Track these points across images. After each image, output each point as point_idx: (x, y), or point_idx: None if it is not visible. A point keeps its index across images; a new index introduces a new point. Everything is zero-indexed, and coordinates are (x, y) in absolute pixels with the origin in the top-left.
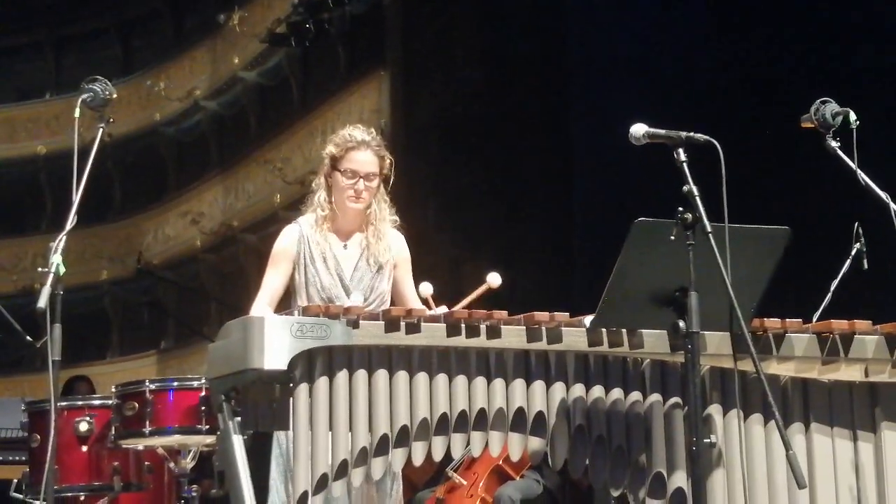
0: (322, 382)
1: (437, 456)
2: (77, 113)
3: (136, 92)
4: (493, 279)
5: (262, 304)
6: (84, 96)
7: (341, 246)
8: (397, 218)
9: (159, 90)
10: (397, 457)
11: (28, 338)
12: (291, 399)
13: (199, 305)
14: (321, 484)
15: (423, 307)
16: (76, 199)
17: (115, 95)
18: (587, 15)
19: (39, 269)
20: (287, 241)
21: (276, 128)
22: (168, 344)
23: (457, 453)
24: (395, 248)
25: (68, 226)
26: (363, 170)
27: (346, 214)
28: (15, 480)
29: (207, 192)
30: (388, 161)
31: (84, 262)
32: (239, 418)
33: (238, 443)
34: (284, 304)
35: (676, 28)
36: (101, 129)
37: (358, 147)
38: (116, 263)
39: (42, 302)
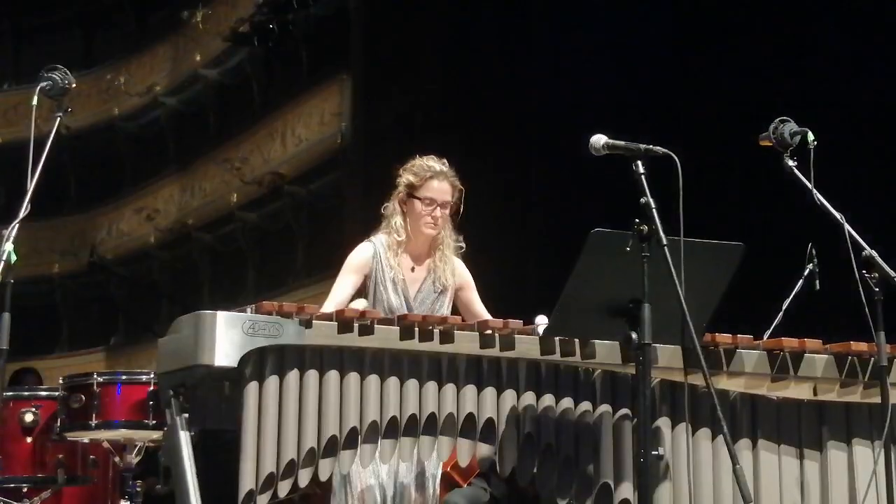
0: (272, 381)
1: (385, 459)
2: (35, 101)
3: (95, 85)
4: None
5: (330, 307)
6: (42, 84)
7: (409, 269)
8: (463, 244)
9: (119, 84)
10: (345, 459)
11: None
12: (241, 397)
13: (150, 302)
14: (267, 483)
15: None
16: (30, 187)
17: (73, 85)
18: (550, 24)
19: None
20: (362, 256)
21: (236, 127)
22: (118, 340)
23: (405, 457)
24: (458, 272)
25: (22, 213)
26: (441, 198)
27: (419, 239)
28: None
29: (164, 188)
30: (460, 191)
31: (36, 254)
32: (187, 414)
33: (185, 439)
34: None
35: (638, 41)
36: (58, 118)
37: (437, 176)
38: (69, 257)
39: None
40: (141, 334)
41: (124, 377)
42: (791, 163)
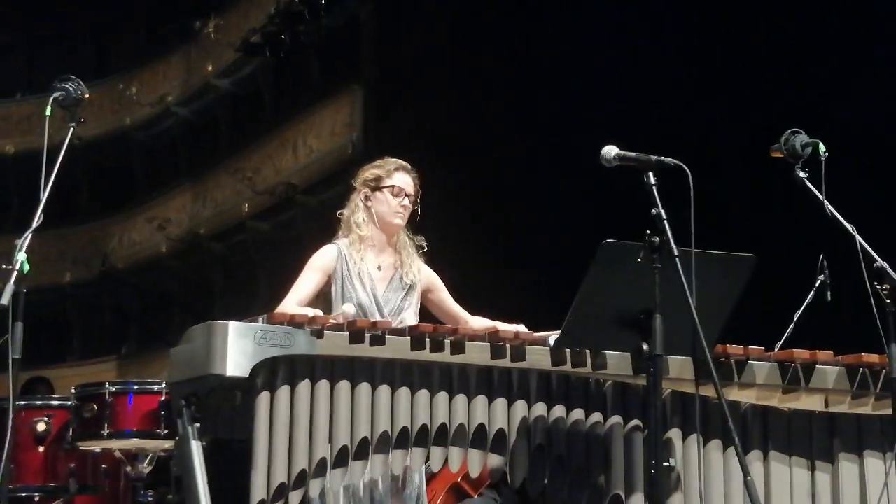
0: (284, 391)
1: (397, 470)
2: (48, 111)
3: (108, 95)
4: None
5: (291, 303)
6: (56, 95)
7: (376, 267)
8: (424, 245)
9: (131, 94)
10: (356, 469)
11: None
12: (252, 407)
13: (162, 312)
14: (278, 494)
15: (484, 320)
16: (43, 197)
17: (87, 95)
18: (560, 36)
19: (3, 267)
20: (326, 256)
21: (248, 137)
22: (129, 349)
23: (415, 467)
24: (424, 273)
25: (35, 223)
26: (407, 189)
27: (386, 232)
28: None
29: (176, 198)
30: (417, 191)
31: (48, 263)
32: (198, 424)
33: (196, 449)
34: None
35: (651, 53)
36: (71, 128)
37: (402, 169)
38: (80, 266)
39: (4, 299)
40: (152, 344)
41: (136, 387)
42: (802, 174)
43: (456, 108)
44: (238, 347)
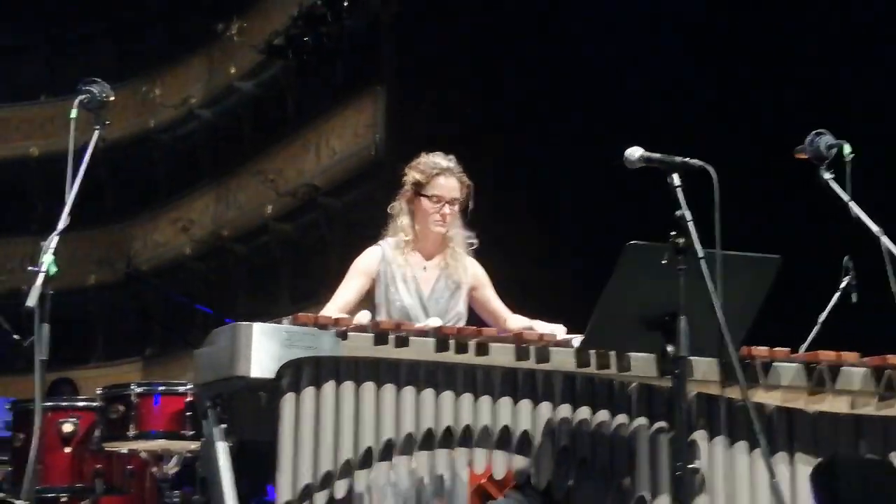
0: (309, 393)
1: (421, 471)
2: (74, 114)
3: (130, 97)
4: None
5: (332, 309)
6: (81, 97)
7: (421, 268)
8: (475, 241)
9: (154, 97)
10: (381, 470)
11: (15, 335)
12: (277, 408)
13: (185, 313)
14: (304, 495)
15: (522, 318)
16: (70, 199)
17: (112, 98)
18: (585, 35)
19: (29, 268)
20: (368, 260)
21: (270, 139)
22: (153, 351)
23: (440, 469)
24: (471, 271)
25: (61, 225)
26: (448, 195)
27: (428, 238)
28: None
29: (199, 200)
30: (468, 187)
31: (72, 265)
32: (224, 425)
33: (222, 449)
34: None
35: (675, 53)
36: (97, 131)
37: (443, 173)
38: (105, 268)
39: (31, 301)
40: (175, 345)
41: (162, 388)
42: (827, 175)
43: (479, 108)
44: (263, 349)
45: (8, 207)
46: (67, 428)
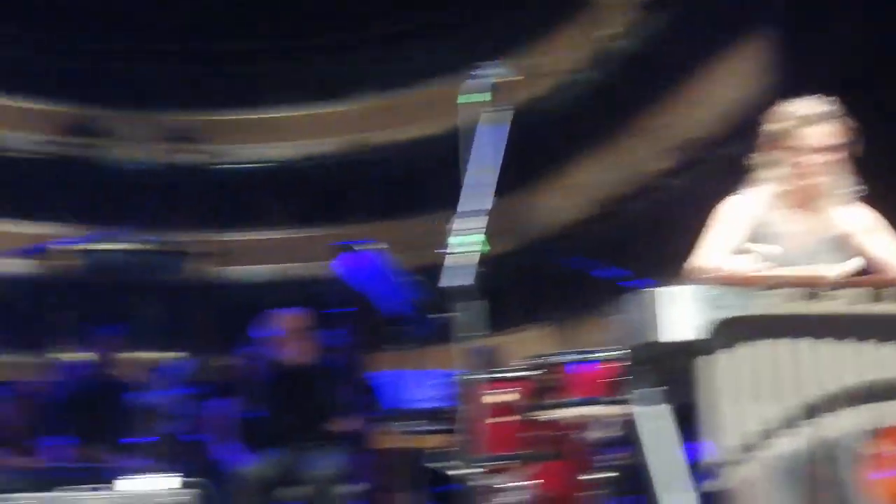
0: (728, 353)
1: (867, 425)
2: (467, 98)
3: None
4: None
5: (717, 257)
6: (476, 80)
7: (794, 222)
8: (860, 188)
9: (531, 67)
10: (823, 426)
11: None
12: (700, 370)
13: (586, 277)
14: (730, 456)
15: None
16: (493, 180)
17: (515, 77)
18: None
19: (452, 250)
20: (741, 207)
21: (652, 95)
22: (556, 317)
23: (880, 423)
24: (851, 219)
25: (488, 205)
26: (820, 144)
27: (798, 190)
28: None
29: (585, 164)
30: (849, 131)
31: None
32: (652, 389)
33: (653, 414)
34: None
35: None
36: (506, 111)
37: (814, 121)
38: (502, 239)
39: (468, 279)
40: (577, 312)
41: (586, 355)
42: None
43: (873, 51)
44: (686, 311)
45: (424, 186)
46: (504, 398)
